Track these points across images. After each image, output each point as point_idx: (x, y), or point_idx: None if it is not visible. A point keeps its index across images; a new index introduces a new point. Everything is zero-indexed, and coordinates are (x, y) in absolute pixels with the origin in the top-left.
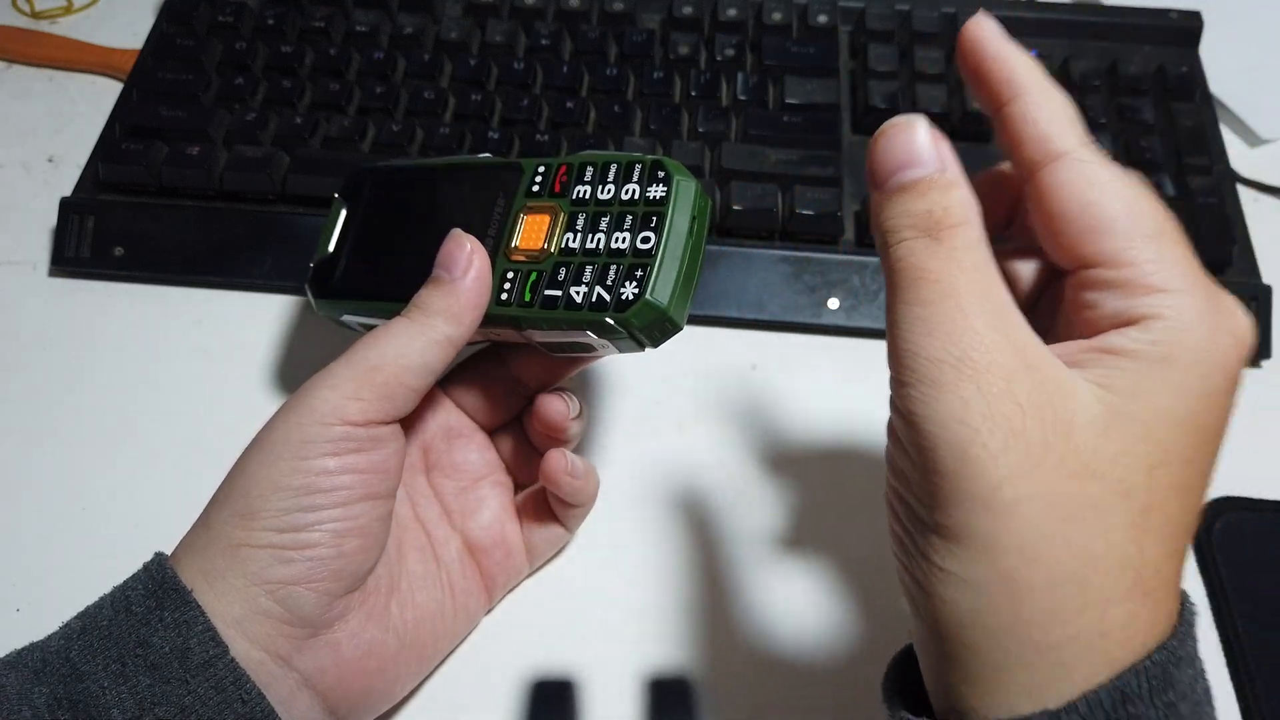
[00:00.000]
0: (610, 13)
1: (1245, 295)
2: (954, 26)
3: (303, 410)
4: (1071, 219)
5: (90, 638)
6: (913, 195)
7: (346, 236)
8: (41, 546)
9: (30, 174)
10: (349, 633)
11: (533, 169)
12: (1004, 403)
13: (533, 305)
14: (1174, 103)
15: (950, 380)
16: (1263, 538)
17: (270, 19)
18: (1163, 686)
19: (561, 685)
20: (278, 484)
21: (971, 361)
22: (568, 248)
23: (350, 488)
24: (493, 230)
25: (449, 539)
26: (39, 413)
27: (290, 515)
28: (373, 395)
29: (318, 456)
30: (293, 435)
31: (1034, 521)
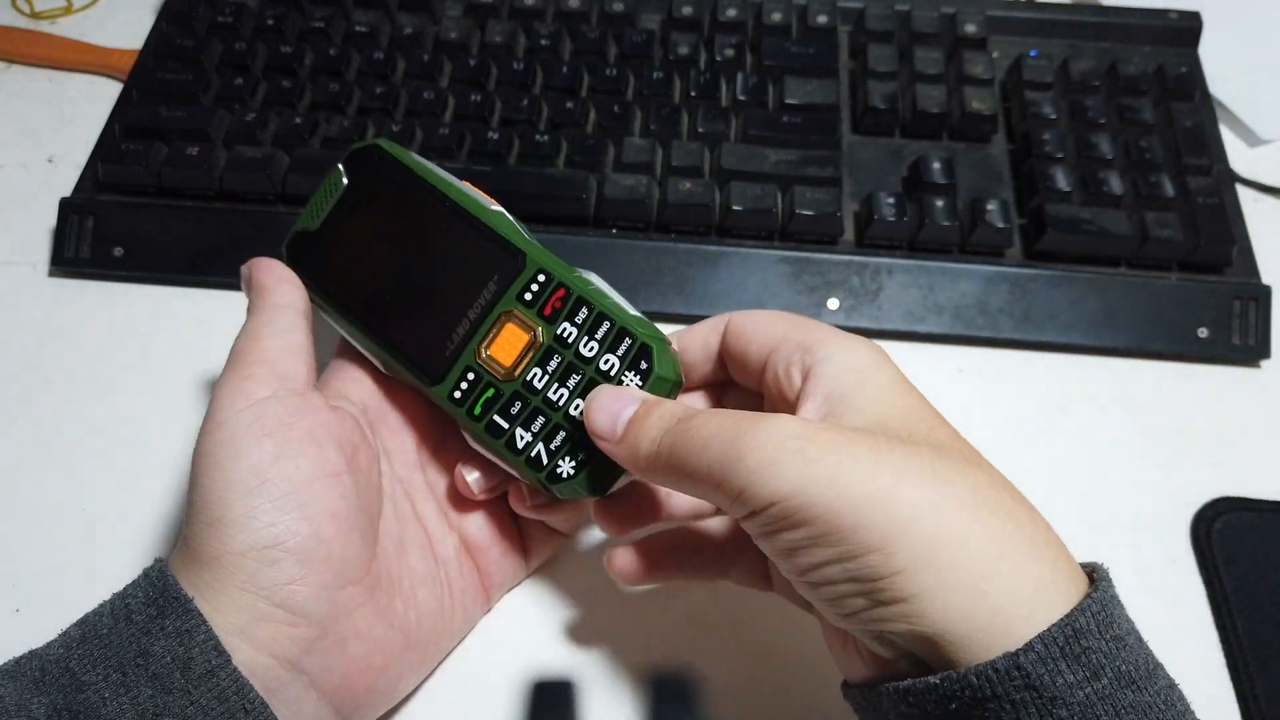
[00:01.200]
0: (610, 13)
1: (1245, 295)
2: (953, 27)
3: (214, 412)
4: (753, 336)
5: (90, 646)
6: (641, 421)
7: (336, 221)
8: (41, 547)
9: (30, 174)
10: (355, 630)
11: (533, 272)
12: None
13: (479, 422)
14: (1173, 103)
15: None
16: (1262, 537)
17: (270, 19)
18: (1108, 622)
19: (561, 685)
20: (231, 482)
21: (778, 431)
22: (531, 384)
23: (298, 466)
24: (473, 312)
25: (446, 536)
26: (38, 413)
27: (253, 516)
28: (260, 368)
29: (247, 446)
30: (218, 435)
31: (916, 482)
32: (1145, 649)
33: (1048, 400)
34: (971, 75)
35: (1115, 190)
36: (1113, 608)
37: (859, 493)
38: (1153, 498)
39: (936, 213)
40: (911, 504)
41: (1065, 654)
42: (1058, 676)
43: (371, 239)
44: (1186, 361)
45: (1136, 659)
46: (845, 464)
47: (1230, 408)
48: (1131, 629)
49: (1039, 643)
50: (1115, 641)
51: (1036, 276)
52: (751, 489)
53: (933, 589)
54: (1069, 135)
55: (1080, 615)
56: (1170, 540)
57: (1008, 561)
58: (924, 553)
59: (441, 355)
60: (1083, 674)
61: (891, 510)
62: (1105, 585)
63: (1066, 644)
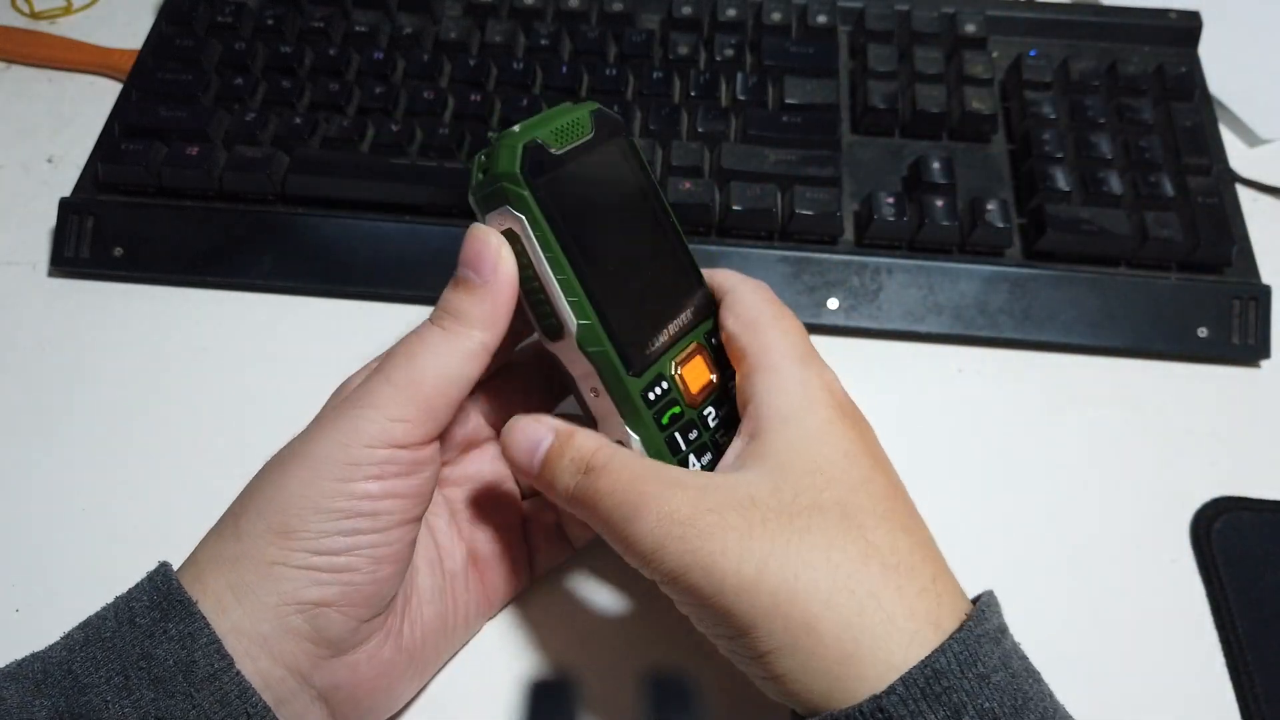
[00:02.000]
0: (610, 13)
1: (1245, 295)
2: (953, 27)
3: (348, 430)
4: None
5: (93, 649)
6: (555, 460)
7: (577, 159)
8: (41, 547)
9: (29, 174)
10: (367, 653)
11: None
12: (703, 518)
13: (662, 432)
14: (1173, 103)
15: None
16: (1262, 537)
17: (270, 19)
18: (970, 661)
19: (561, 685)
20: (319, 505)
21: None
22: (705, 419)
23: (391, 513)
24: (674, 327)
25: (455, 549)
26: (38, 413)
27: (330, 538)
28: (417, 415)
29: (362, 480)
30: (336, 455)
31: (777, 570)
32: (1019, 683)
33: (1047, 400)
34: (971, 75)
35: (1115, 190)
36: (980, 645)
37: (731, 582)
38: (1152, 497)
39: (936, 212)
40: (772, 593)
41: (926, 694)
42: (919, 717)
43: (603, 200)
44: (1186, 361)
45: (1002, 696)
46: (718, 551)
47: (1230, 407)
48: (1001, 664)
49: (900, 684)
50: (979, 680)
51: (1036, 276)
52: (646, 564)
53: (799, 670)
54: (1069, 135)
55: (940, 656)
56: (1170, 540)
57: (867, 638)
58: (787, 639)
59: (643, 351)
60: (944, 713)
61: (755, 599)
62: (976, 622)
63: (926, 684)
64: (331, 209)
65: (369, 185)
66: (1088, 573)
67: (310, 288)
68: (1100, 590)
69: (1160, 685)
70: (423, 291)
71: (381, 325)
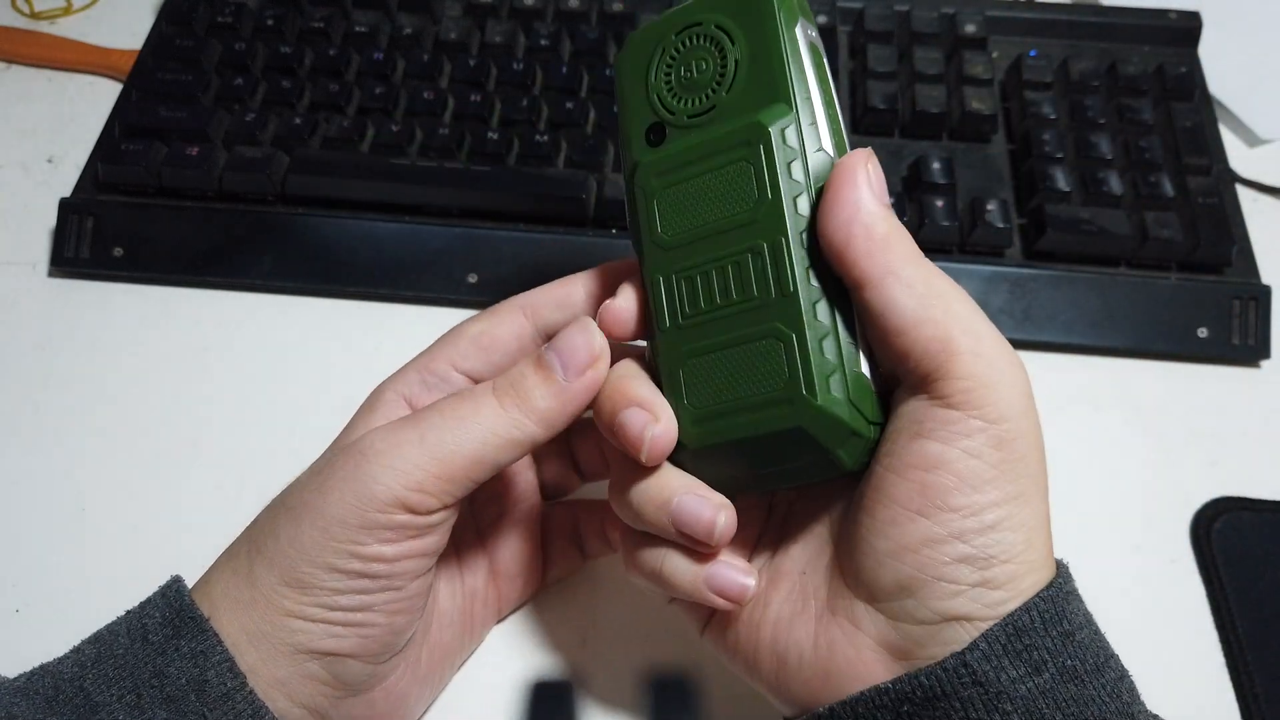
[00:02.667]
0: (610, 13)
1: (1245, 295)
2: (953, 27)
3: (362, 493)
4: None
5: (105, 666)
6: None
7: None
8: (41, 547)
9: (29, 174)
10: (385, 690)
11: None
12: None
13: None
14: (1173, 103)
15: None
16: (1262, 537)
17: (270, 19)
18: (1054, 619)
19: (561, 685)
20: (333, 565)
21: None
22: None
23: (406, 572)
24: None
25: (478, 565)
26: (38, 413)
27: (344, 596)
28: (437, 488)
29: (375, 544)
30: (349, 518)
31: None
32: (1099, 643)
33: (1047, 400)
34: (971, 75)
35: (1115, 190)
36: (1063, 603)
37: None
38: (1153, 497)
39: (936, 213)
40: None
41: (1008, 651)
42: (1001, 673)
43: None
44: (1186, 361)
45: (1084, 654)
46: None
47: (1230, 408)
48: (1085, 623)
49: (983, 641)
50: (1062, 637)
51: (1036, 276)
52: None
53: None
54: (1069, 135)
55: (1024, 614)
56: (1170, 540)
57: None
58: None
59: None
60: (1025, 669)
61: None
62: (1059, 583)
63: (1009, 641)
64: (331, 209)
65: (369, 185)
66: (1087, 573)
67: (310, 288)
68: (1100, 590)
69: (1160, 685)
70: (423, 292)
71: (382, 325)
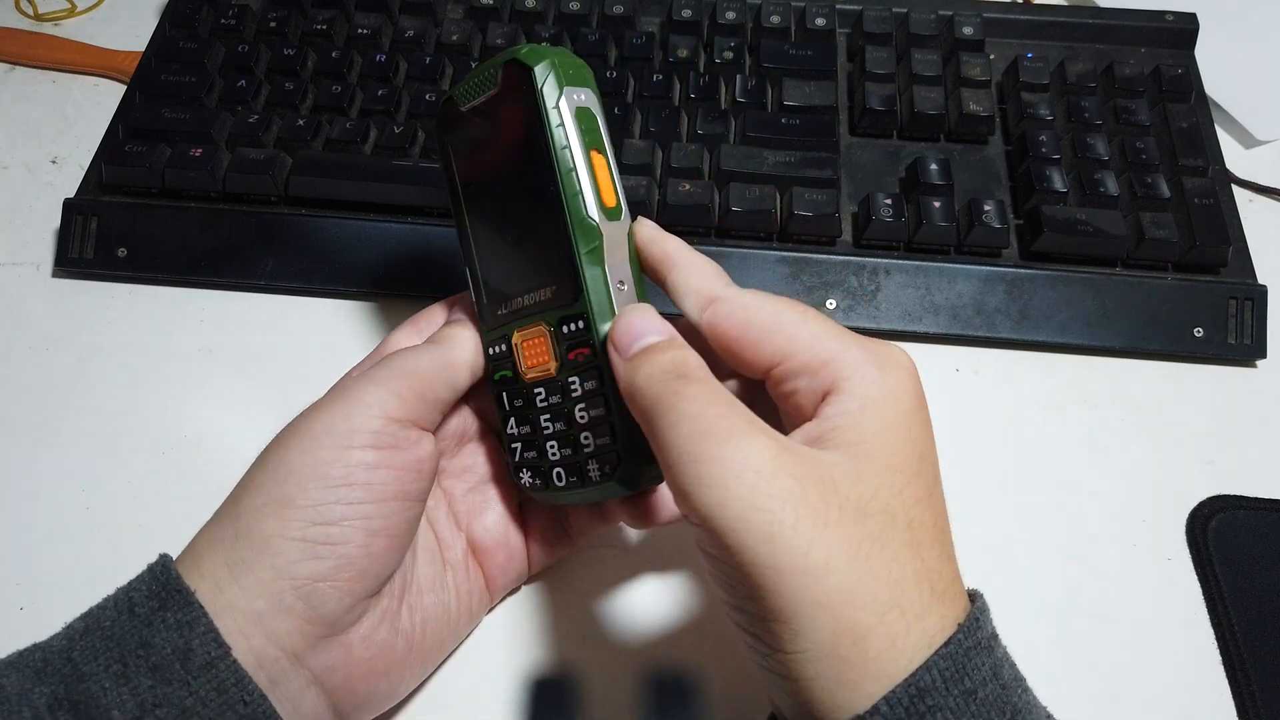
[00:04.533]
0: (610, 15)
1: (1241, 295)
2: (951, 29)
3: (349, 401)
4: (739, 338)
5: (92, 638)
6: (651, 355)
7: (475, 115)
8: (46, 546)
9: (34, 175)
10: (361, 634)
11: (578, 314)
12: (781, 480)
13: (494, 387)
14: (1170, 104)
15: (733, 483)
16: (1258, 536)
17: (272, 21)
18: (957, 676)
19: (562, 683)
20: (318, 472)
21: (743, 455)
22: (533, 397)
23: (385, 483)
24: (529, 296)
25: (455, 540)
26: (43, 413)
27: (326, 506)
28: (411, 395)
29: (360, 447)
30: (338, 424)
31: (844, 570)
32: (1005, 696)
33: (1044, 400)
34: (968, 77)
35: (1111, 191)
36: (968, 658)
37: (786, 562)
38: (1148, 496)
39: (934, 213)
40: (829, 590)
41: (910, 713)
42: None
43: (490, 158)
44: (1182, 361)
45: (989, 711)
46: (788, 524)
47: (1226, 407)
48: (991, 676)
49: (884, 704)
50: (965, 696)
51: (1033, 277)
52: (695, 499)
53: (828, 678)
54: (1065, 136)
55: (926, 673)
56: (1166, 538)
57: (904, 659)
58: (828, 642)
59: (496, 311)
60: None
61: (810, 591)
62: (965, 634)
63: (911, 704)
64: (334, 210)
65: (371, 187)
66: (1084, 571)
67: (313, 288)
68: (1096, 588)
69: (1156, 683)
70: (425, 292)
71: (383, 325)
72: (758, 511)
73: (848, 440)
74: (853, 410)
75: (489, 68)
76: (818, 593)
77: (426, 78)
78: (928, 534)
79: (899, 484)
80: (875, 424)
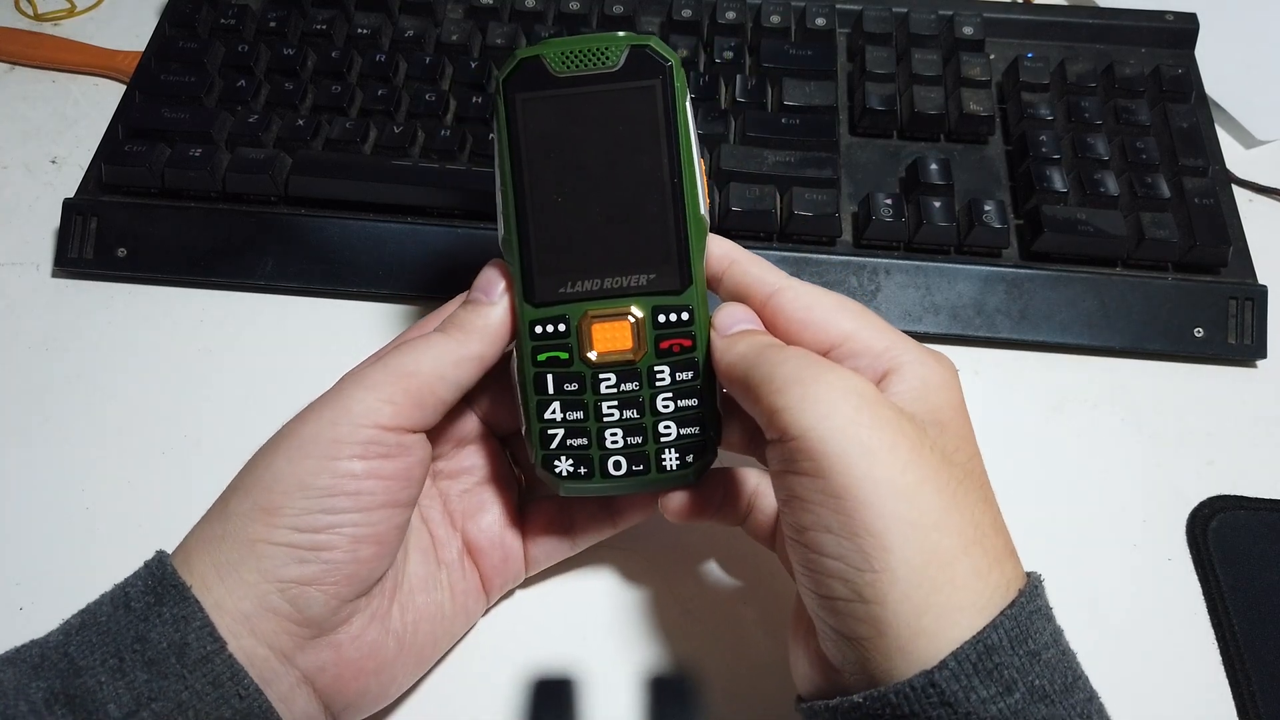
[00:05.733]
0: (610, 15)
1: (1241, 296)
2: (951, 29)
3: (337, 408)
4: (805, 320)
5: (89, 633)
6: (751, 335)
7: (580, 87)
8: (45, 546)
9: (33, 175)
10: (351, 634)
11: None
12: (882, 408)
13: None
14: (1170, 104)
15: (839, 401)
16: (1258, 536)
17: (272, 21)
18: (1022, 637)
19: (561, 685)
20: (303, 482)
21: (849, 381)
22: (597, 383)
23: (373, 493)
24: (611, 280)
25: (450, 540)
26: (42, 413)
27: (312, 515)
28: (406, 401)
29: (346, 458)
30: (324, 433)
31: (934, 498)
32: (1067, 661)
33: (1044, 400)
34: (969, 77)
35: (1111, 191)
36: (1031, 621)
37: (883, 475)
38: (1149, 496)
39: (934, 213)
40: (923, 511)
41: (978, 670)
42: (971, 693)
43: (586, 135)
44: (1182, 361)
45: (1053, 673)
46: (886, 443)
47: (1226, 407)
48: (1053, 641)
49: (952, 660)
50: (1029, 656)
51: (1033, 277)
52: (792, 412)
53: (914, 601)
54: (1065, 136)
55: (993, 632)
56: (1166, 538)
57: (983, 598)
58: (915, 564)
59: (555, 287)
60: (995, 689)
61: (903, 509)
62: (1028, 598)
63: (979, 660)
64: (334, 210)
65: (371, 187)
66: (1084, 571)
67: (313, 288)
68: (1096, 589)
69: (1157, 683)
70: (425, 292)
71: (383, 325)
72: (860, 428)
73: (926, 405)
74: (917, 388)
75: (602, 43)
76: (910, 512)
77: (426, 78)
78: (993, 500)
79: (969, 452)
80: (940, 400)
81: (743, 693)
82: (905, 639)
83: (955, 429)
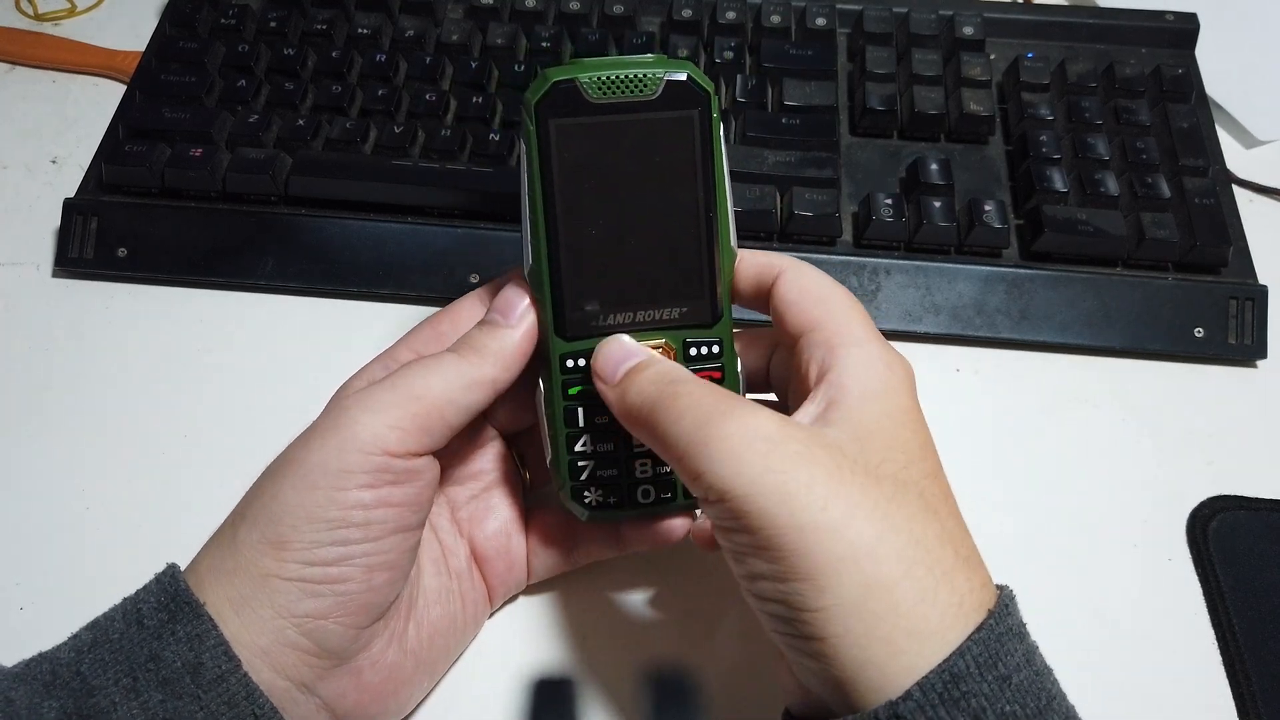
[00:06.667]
0: (610, 15)
1: (1241, 296)
2: (951, 29)
3: (344, 435)
4: (794, 301)
5: (101, 651)
6: (640, 371)
7: (617, 114)
8: (45, 546)
9: (34, 175)
10: (371, 659)
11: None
12: (790, 444)
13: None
14: (1170, 104)
15: (744, 452)
16: (1258, 536)
17: (272, 21)
18: (990, 662)
19: (561, 685)
20: (312, 515)
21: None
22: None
23: (384, 521)
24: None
25: (458, 548)
26: (42, 413)
27: (322, 549)
28: (413, 426)
29: (355, 488)
30: (331, 463)
31: (863, 525)
32: (1041, 682)
33: (1044, 399)
34: (969, 77)
35: (1112, 191)
36: (1002, 644)
37: (805, 519)
38: (1149, 496)
39: (934, 213)
40: (850, 544)
41: (944, 700)
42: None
43: (624, 164)
44: (1183, 361)
45: (1024, 697)
46: (802, 483)
47: (1226, 407)
48: (1025, 662)
49: (917, 690)
50: (999, 682)
51: (1033, 277)
52: (709, 476)
53: (859, 634)
54: (1066, 136)
55: (959, 659)
56: (1166, 538)
57: (936, 616)
58: (856, 596)
59: (586, 322)
60: (963, 719)
61: (832, 546)
62: (998, 619)
63: (944, 689)
64: (334, 210)
65: (371, 187)
66: (1084, 571)
67: (313, 288)
68: (1097, 589)
69: (1157, 683)
70: (425, 292)
71: (384, 325)
72: (772, 474)
73: (848, 419)
74: (839, 398)
75: (640, 70)
76: (839, 547)
77: (426, 78)
78: (941, 505)
79: (902, 460)
80: (873, 409)
81: (743, 693)
82: (851, 670)
83: (884, 438)
